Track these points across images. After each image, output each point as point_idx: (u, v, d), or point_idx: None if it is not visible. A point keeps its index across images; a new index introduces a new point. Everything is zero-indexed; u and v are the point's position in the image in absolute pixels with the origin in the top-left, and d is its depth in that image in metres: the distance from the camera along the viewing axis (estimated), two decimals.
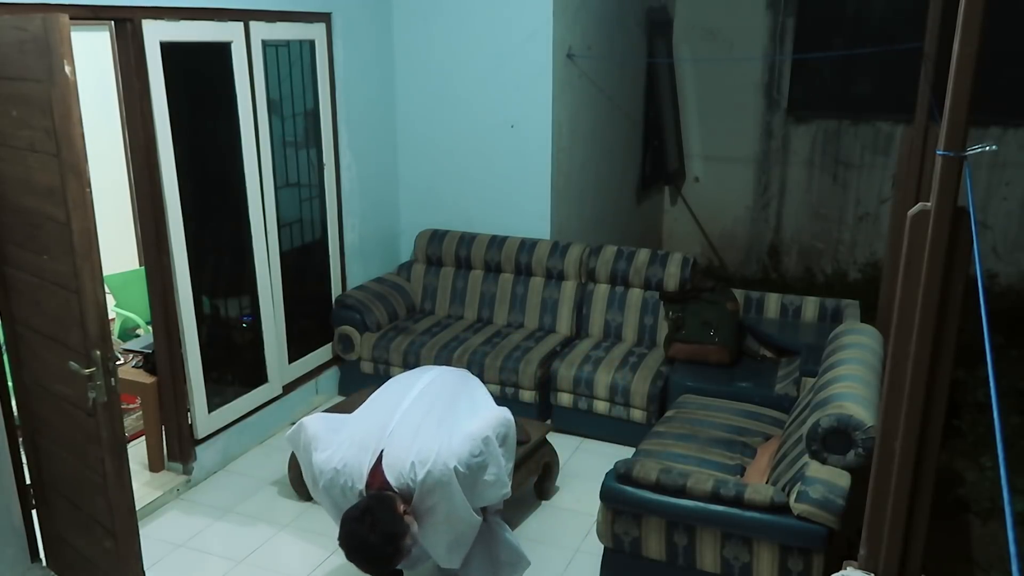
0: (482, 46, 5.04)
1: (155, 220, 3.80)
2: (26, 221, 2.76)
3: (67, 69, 2.38)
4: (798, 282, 7.13)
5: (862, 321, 4.27)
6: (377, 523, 2.71)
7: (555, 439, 4.15)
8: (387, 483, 2.86)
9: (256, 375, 4.50)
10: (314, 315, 4.95)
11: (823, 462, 2.87)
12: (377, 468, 2.90)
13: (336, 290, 5.09)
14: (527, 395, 4.55)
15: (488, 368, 4.58)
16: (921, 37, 3.99)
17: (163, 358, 3.95)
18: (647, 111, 6.79)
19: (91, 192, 2.50)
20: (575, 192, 5.50)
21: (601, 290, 4.93)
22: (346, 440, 3.00)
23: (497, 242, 5.14)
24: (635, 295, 4.86)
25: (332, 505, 3.01)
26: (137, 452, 4.11)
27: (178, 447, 4.05)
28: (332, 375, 5.07)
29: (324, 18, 4.68)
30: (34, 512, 3.32)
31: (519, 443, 3.70)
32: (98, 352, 2.58)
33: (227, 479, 4.15)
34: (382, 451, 2.93)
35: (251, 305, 4.42)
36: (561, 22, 4.94)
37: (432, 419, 3.02)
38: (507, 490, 3.08)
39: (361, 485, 2.89)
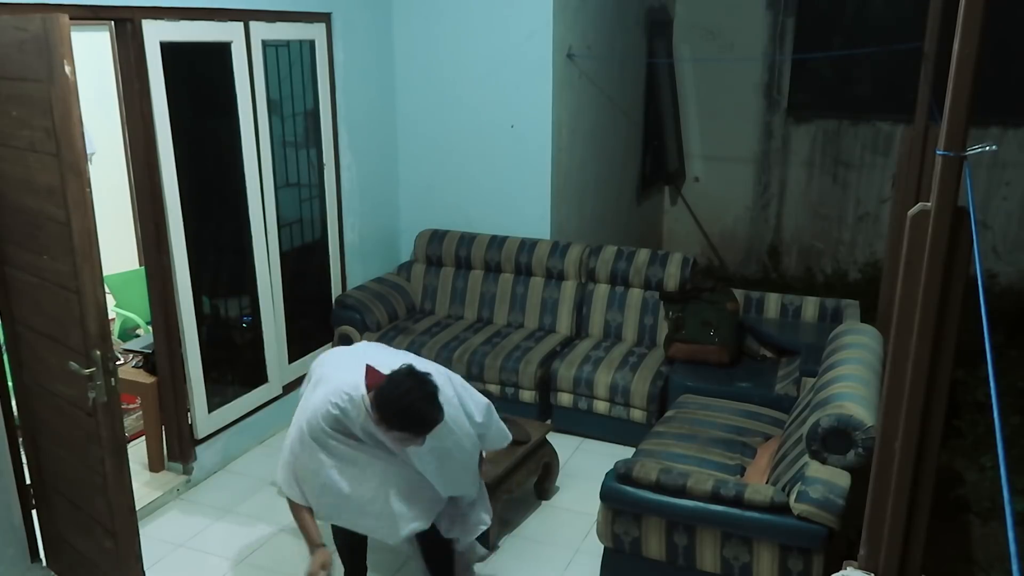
0: (482, 46, 5.04)
1: (155, 220, 3.80)
2: (26, 221, 2.76)
3: (67, 69, 2.38)
4: (798, 282, 7.13)
5: (862, 321, 4.27)
6: (422, 379, 2.59)
7: (555, 439, 4.15)
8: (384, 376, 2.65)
9: (256, 375, 4.50)
10: (314, 315, 4.95)
11: (823, 462, 2.87)
12: (370, 371, 2.67)
13: (336, 290, 5.09)
14: (527, 395, 4.55)
15: (488, 368, 4.58)
16: (921, 37, 3.99)
17: (163, 358, 3.95)
18: (647, 111, 6.79)
19: (91, 192, 2.50)
20: (575, 192, 5.50)
21: (601, 290, 4.93)
22: (324, 384, 2.75)
23: (497, 242, 5.14)
24: (635, 295, 4.86)
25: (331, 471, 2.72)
26: (137, 452, 4.11)
27: (178, 447, 4.05)
28: None
29: (324, 18, 4.68)
30: (34, 512, 3.32)
31: (519, 443, 3.70)
32: (98, 352, 2.58)
33: (227, 479, 4.15)
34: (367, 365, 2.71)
35: (251, 305, 4.42)
36: (561, 22, 4.94)
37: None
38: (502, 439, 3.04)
39: (363, 390, 2.64)
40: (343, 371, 2.74)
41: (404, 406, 2.56)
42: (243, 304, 4.41)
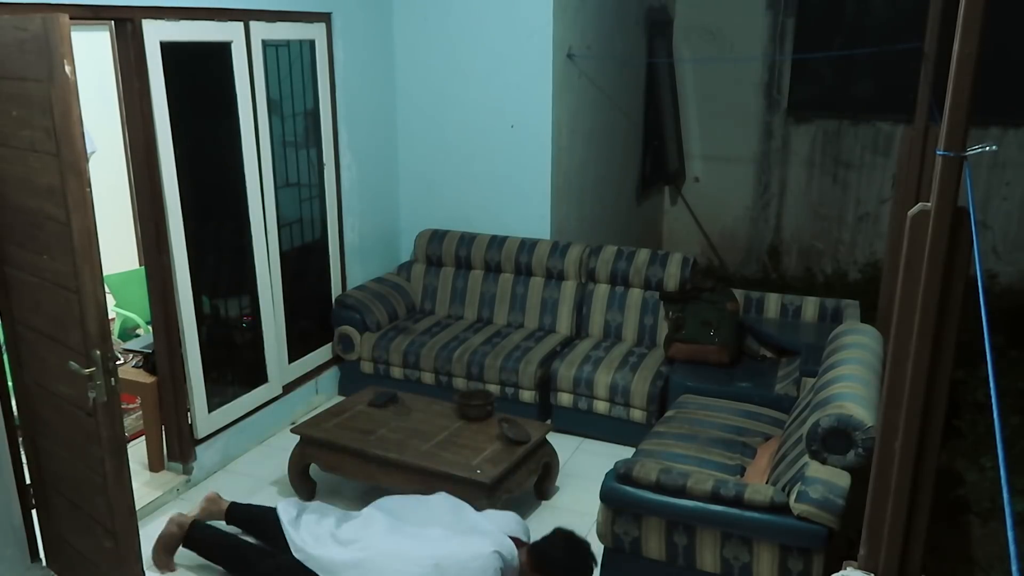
0: (482, 46, 5.04)
1: (155, 220, 3.80)
2: (26, 221, 2.76)
3: (67, 69, 2.38)
4: (798, 282, 7.13)
5: (862, 321, 4.27)
6: (577, 542, 3.14)
7: (555, 439, 4.15)
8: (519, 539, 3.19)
9: (256, 375, 4.50)
10: (314, 315, 4.95)
11: (823, 462, 2.87)
12: (515, 540, 3.15)
13: (336, 290, 5.09)
14: (527, 395, 4.55)
15: (488, 368, 4.58)
16: (921, 37, 3.99)
17: (163, 358, 3.95)
18: (647, 111, 6.79)
19: (91, 192, 2.50)
20: (575, 192, 5.50)
21: (601, 290, 4.93)
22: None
23: (497, 242, 5.14)
24: (635, 295, 4.86)
25: None
26: (137, 452, 4.11)
27: (178, 447, 4.05)
28: (332, 375, 5.08)
29: (324, 18, 4.68)
30: (34, 512, 3.32)
31: (519, 443, 3.71)
32: (98, 352, 2.57)
33: (227, 479, 4.15)
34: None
35: (251, 305, 4.42)
36: (561, 22, 4.94)
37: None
38: None
39: (516, 551, 3.10)
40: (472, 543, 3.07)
41: (575, 567, 3.10)
42: (243, 304, 4.41)
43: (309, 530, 3.23)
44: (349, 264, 5.16)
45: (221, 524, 3.58)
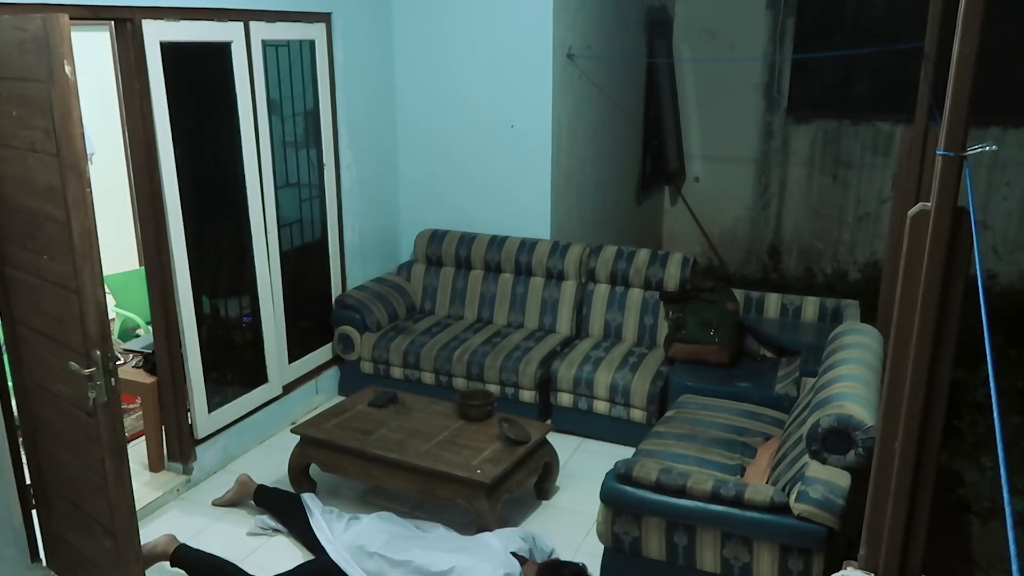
0: (482, 46, 5.04)
1: (155, 220, 3.80)
2: (26, 221, 2.76)
3: (67, 69, 2.38)
4: (798, 282, 7.13)
5: (862, 321, 4.27)
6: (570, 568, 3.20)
7: (555, 439, 4.15)
8: (523, 557, 3.26)
9: (256, 375, 4.50)
10: (314, 315, 4.95)
11: (823, 462, 2.87)
12: (518, 557, 3.22)
13: (336, 290, 5.09)
14: (527, 395, 4.55)
15: (488, 368, 4.58)
16: (921, 37, 3.99)
17: (163, 358, 3.95)
18: (647, 111, 6.79)
19: (91, 192, 2.50)
20: (575, 192, 5.50)
21: (601, 290, 4.93)
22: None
23: (497, 242, 5.14)
24: (635, 295, 4.86)
25: None
26: (137, 452, 4.11)
27: (178, 447, 4.05)
28: (332, 375, 5.08)
29: (324, 18, 4.68)
30: (34, 512, 3.32)
31: (519, 443, 3.71)
32: (98, 352, 2.58)
33: (227, 479, 4.14)
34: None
35: (251, 305, 4.42)
36: (561, 22, 4.94)
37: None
38: None
39: (519, 568, 3.18)
40: (484, 560, 3.16)
41: None
42: (243, 304, 4.41)
43: (331, 526, 3.45)
44: (349, 264, 5.16)
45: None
